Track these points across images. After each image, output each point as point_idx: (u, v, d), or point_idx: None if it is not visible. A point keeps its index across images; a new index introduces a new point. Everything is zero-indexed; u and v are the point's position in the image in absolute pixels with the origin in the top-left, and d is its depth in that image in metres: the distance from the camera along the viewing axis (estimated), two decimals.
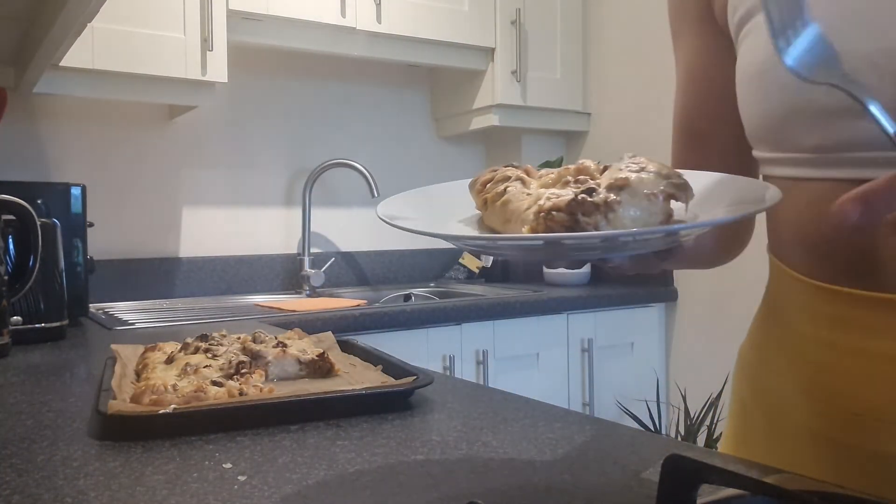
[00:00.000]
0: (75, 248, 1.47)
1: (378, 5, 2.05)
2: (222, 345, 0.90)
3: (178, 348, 0.91)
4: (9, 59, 1.69)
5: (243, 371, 0.81)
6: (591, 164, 0.50)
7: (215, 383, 0.75)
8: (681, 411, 2.20)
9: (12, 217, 1.17)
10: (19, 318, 1.23)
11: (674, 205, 0.47)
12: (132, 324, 1.54)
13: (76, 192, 1.48)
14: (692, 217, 0.49)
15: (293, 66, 2.32)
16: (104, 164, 2.04)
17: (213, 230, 2.21)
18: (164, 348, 0.92)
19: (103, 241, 1.97)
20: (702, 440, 2.04)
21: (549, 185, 0.50)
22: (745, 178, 0.58)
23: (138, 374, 0.85)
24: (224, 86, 1.89)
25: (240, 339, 0.93)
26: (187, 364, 0.81)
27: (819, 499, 0.33)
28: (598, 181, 0.47)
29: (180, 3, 1.79)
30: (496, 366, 1.91)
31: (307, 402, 0.72)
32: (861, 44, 0.55)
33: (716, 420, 2.03)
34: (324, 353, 0.88)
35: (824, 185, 0.60)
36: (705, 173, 0.56)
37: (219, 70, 1.82)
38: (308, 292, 2.23)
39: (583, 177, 0.48)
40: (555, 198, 0.45)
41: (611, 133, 2.51)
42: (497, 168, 0.54)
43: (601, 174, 0.49)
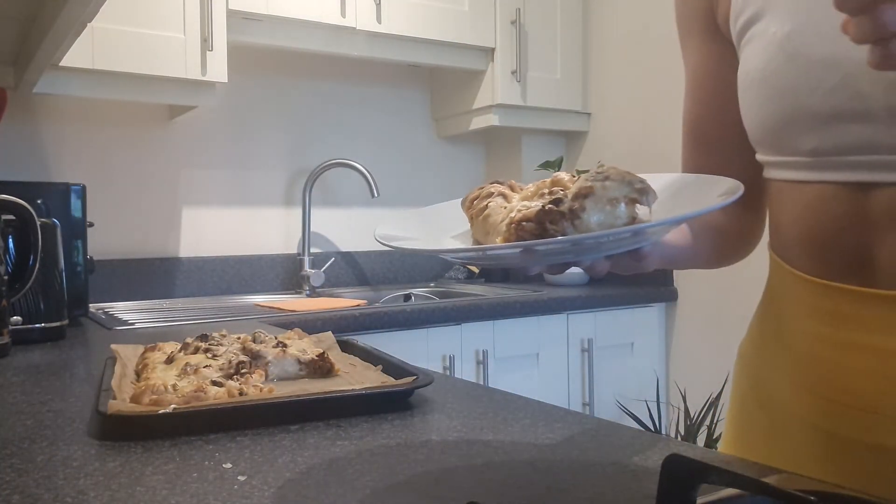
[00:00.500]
0: (75, 248, 1.47)
1: (378, 5, 2.05)
2: (222, 345, 0.90)
3: (178, 348, 0.91)
4: (9, 59, 1.69)
5: (243, 371, 0.81)
6: (564, 175, 0.56)
7: (215, 383, 0.75)
8: (681, 411, 2.20)
9: (12, 217, 1.17)
10: (19, 318, 1.23)
11: (639, 208, 0.51)
12: (132, 324, 1.54)
13: (76, 192, 1.48)
14: (657, 217, 0.52)
15: (293, 66, 2.32)
16: (104, 164, 2.04)
17: (213, 230, 2.21)
18: (164, 348, 0.92)
19: (103, 241, 1.97)
20: (702, 440, 2.04)
21: (528, 197, 0.55)
22: (710, 177, 0.61)
23: (138, 374, 0.85)
24: (224, 86, 1.89)
25: (240, 339, 0.93)
26: (187, 364, 0.81)
27: (819, 499, 0.33)
28: (567, 191, 0.51)
29: (180, 3, 1.79)
30: (496, 366, 1.91)
31: (307, 402, 0.72)
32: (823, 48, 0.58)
33: (716, 420, 2.03)
34: (324, 353, 0.88)
35: (822, 187, 0.63)
36: (670, 175, 0.61)
37: (219, 70, 1.82)
38: (308, 292, 2.23)
39: (556, 188, 0.53)
40: (525, 209, 0.49)
41: (611, 133, 2.50)
42: (484, 185, 0.59)
43: (573, 185, 0.53)
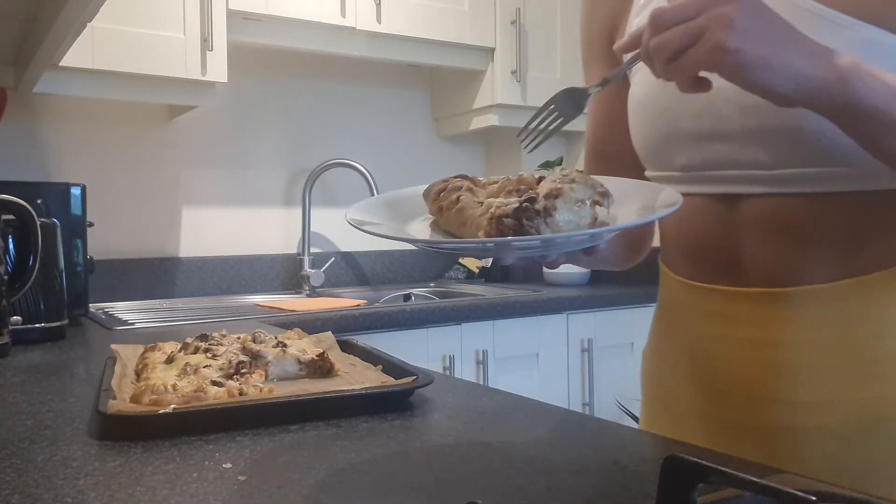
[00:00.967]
0: (75, 248, 1.47)
1: (378, 5, 2.05)
2: (222, 345, 0.90)
3: (178, 348, 0.90)
4: (9, 59, 1.69)
5: (243, 371, 0.81)
6: (528, 175, 0.61)
7: (215, 383, 0.75)
8: None
9: (12, 217, 1.17)
10: (19, 318, 1.23)
11: (600, 210, 0.57)
12: (132, 324, 1.54)
13: (76, 192, 1.48)
14: (612, 219, 0.58)
15: (293, 66, 2.32)
16: (104, 164, 2.04)
17: (213, 230, 2.21)
18: (164, 348, 0.92)
19: (103, 241, 1.97)
20: None
21: (495, 193, 0.59)
22: (655, 184, 0.68)
23: (138, 374, 0.85)
24: (224, 86, 1.89)
25: (240, 339, 0.93)
26: (187, 364, 0.81)
27: (819, 499, 0.33)
28: (536, 191, 0.56)
29: (180, 3, 1.79)
30: (496, 366, 1.91)
31: (307, 402, 0.72)
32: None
33: None
34: (324, 352, 0.88)
35: (694, 199, 0.72)
36: (622, 179, 0.66)
37: (219, 70, 1.82)
38: (308, 292, 2.22)
39: (523, 187, 0.58)
40: (504, 205, 0.55)
41: None
42: (448, 179, 0.63)
43: (538, 184, 0.58)
